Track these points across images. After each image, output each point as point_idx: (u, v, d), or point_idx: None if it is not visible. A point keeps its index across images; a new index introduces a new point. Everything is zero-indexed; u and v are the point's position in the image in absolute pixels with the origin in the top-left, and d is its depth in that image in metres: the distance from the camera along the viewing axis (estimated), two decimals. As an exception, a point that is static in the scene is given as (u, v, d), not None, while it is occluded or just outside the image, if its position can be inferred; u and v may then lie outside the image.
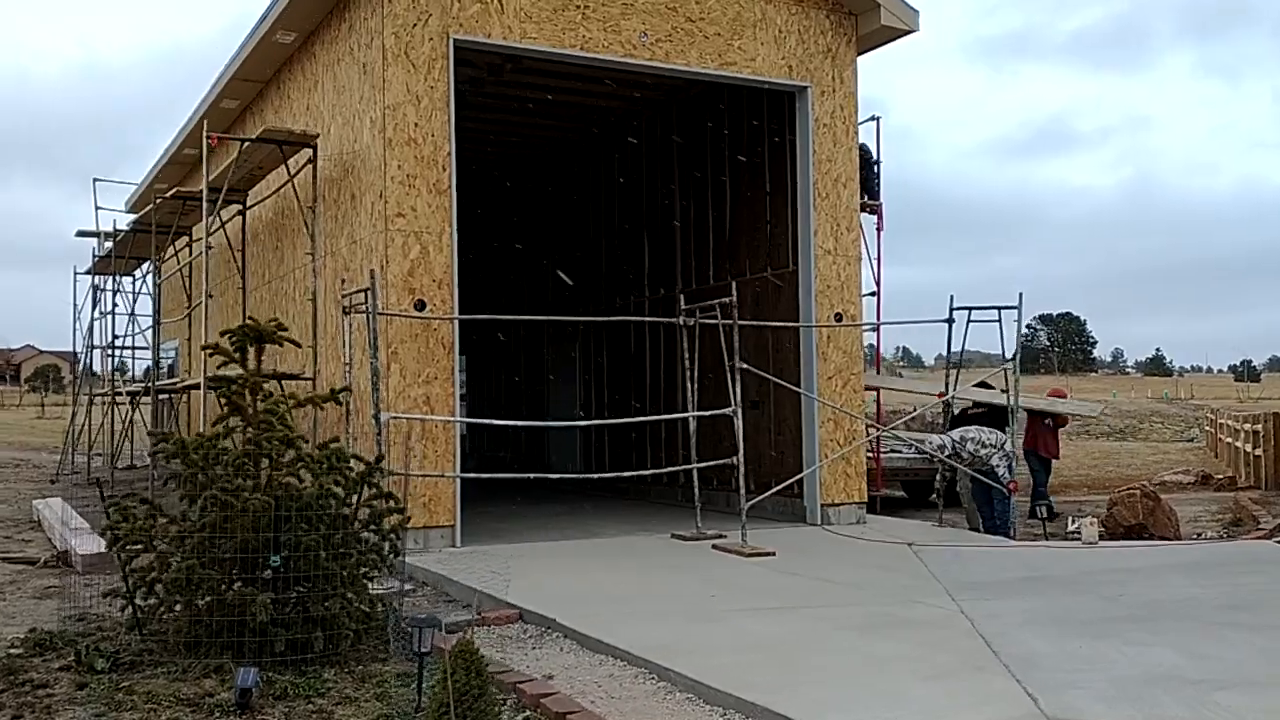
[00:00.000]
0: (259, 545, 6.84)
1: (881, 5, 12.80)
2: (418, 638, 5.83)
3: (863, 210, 15.19)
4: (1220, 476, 21.69)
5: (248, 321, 7.26)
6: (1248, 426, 24.75)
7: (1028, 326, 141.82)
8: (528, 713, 5.66)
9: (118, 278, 18.49)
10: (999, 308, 12.54)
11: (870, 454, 15.15)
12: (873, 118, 15.40)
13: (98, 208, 20.04)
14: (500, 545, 10.86)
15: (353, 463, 7.60)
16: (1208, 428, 37.93)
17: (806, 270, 12.88)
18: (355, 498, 7.49)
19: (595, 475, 13.01)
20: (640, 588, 8.90)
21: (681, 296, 16.13)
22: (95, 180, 18.59)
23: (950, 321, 13.04)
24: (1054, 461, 16.36)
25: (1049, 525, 12.55)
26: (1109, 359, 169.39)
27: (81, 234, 21.91)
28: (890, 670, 6.16)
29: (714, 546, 10.96)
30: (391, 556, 7.79)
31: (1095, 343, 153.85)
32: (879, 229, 15.43)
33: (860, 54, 13.44)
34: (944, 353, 12.23)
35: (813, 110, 12.83)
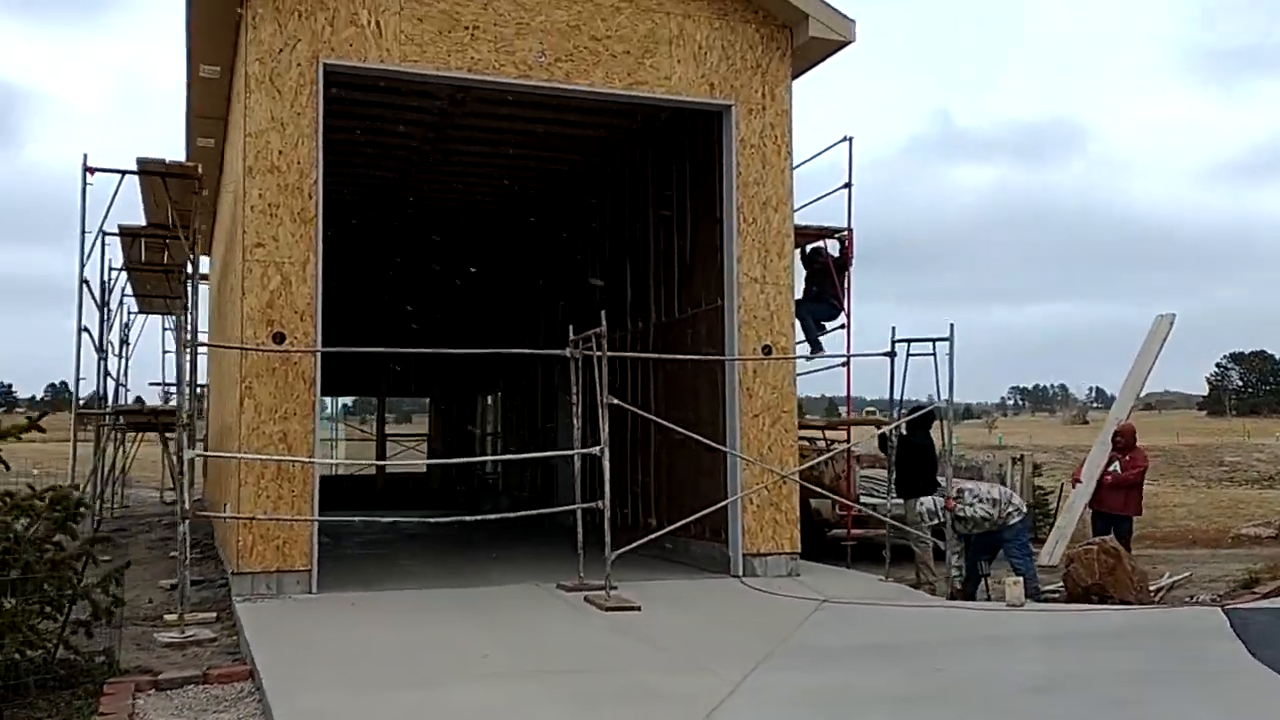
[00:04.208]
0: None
1: (810, 16, 11.85)
2: None
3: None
4: (1304, 530, 19.42)
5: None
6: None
7: (1217, 365, 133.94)
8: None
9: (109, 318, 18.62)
10: (934, 340, 11.34)
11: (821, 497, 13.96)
12: (845, 139, 14.35)
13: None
14: (353, 593, 10.29)
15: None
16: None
17: (730, 299, 11.96)
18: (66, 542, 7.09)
19: (434, 520, 12.04)
20: (424, 646, 8.16)
21: (653, 329, 15.57)
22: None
23: (891, 355, 11.88)
24: (1132, 519, 13.48)
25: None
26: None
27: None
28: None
29: (585, 598, 10.14)
30: (111, 605, 7.37)
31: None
32: (849, 262, 14.31)
33: (802, 71, 12.53)
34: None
35: (737, 130, 11.96)
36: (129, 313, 23.17)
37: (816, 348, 14.27)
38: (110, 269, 16.75)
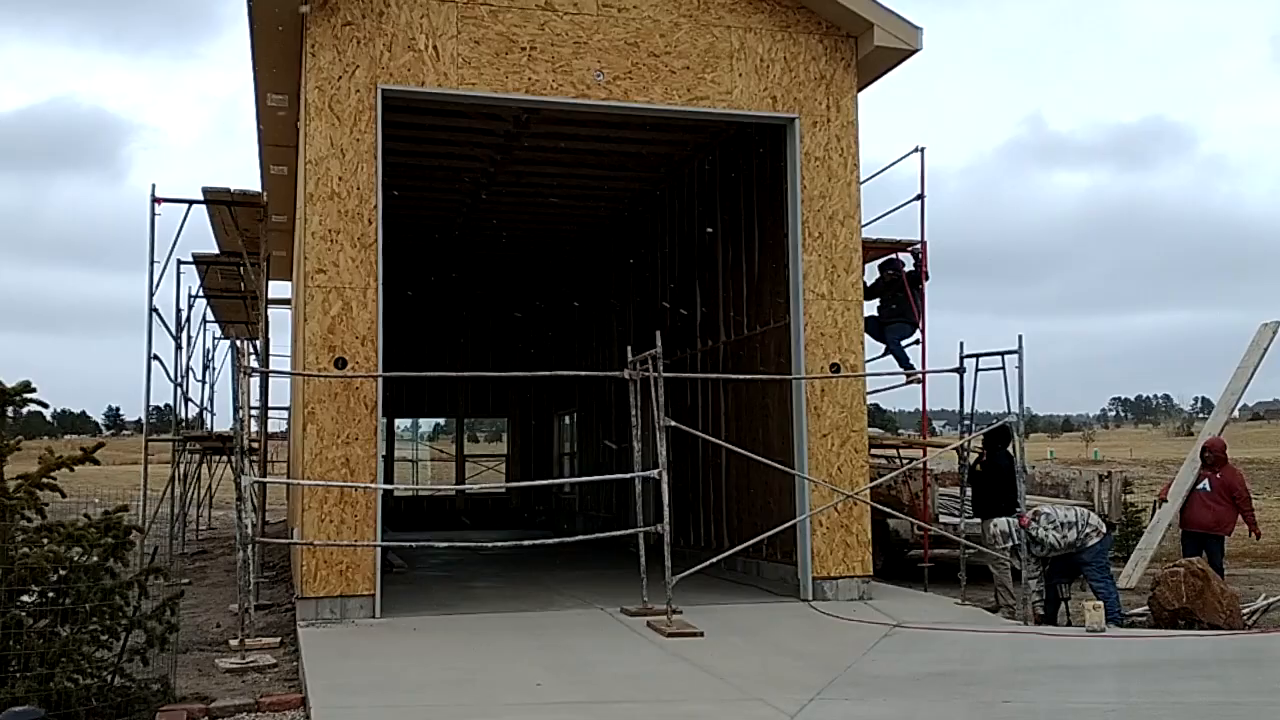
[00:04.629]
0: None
1: (875, 25, 11.60)
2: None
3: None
4: None
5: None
6: None
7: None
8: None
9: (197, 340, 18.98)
10: (1003, 353, 10.97)
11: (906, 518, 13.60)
12: (916, 149, 14.01)
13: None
14: (417, 617, 10.23)
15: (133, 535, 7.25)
16: None
17: (796, 317, 11.72)
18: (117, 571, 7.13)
19: (500, 545, 11.78)
20: (481, 673, 8.06)
21: (722, 347, 15.36)
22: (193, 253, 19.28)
23: (960, 371, 11.53)
24: (1224, 539, 12.88)
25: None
26: None
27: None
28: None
29: (648, 624, 9.96)
30: (165, 633, 7.39)
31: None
32: (925, 275, 13.97)
33: (869, 82, 12.26)
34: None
35: (802, 143, 11.74)
36: (213, 338, 23.66)
37: (908, 366, 13.97)
38: (191, 295, 17.06)
